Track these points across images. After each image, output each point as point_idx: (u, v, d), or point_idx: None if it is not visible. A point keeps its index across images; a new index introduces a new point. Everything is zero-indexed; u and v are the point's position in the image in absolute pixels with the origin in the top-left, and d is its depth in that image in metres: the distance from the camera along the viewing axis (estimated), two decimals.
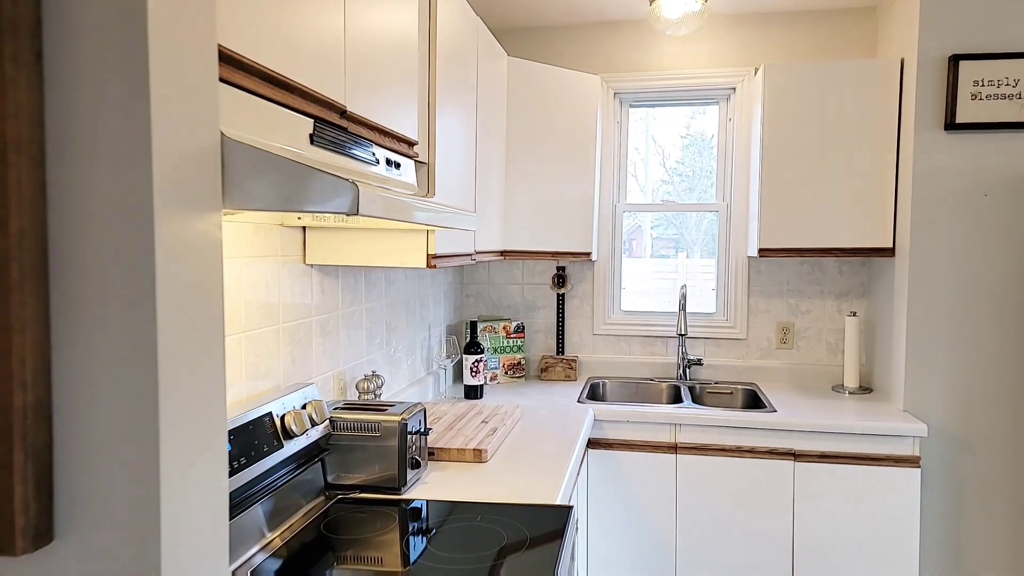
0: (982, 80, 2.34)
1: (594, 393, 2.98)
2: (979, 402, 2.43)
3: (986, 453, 2.43)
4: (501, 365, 2.98)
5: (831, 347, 2.96)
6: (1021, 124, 2.31)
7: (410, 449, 1.64)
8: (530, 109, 2.68)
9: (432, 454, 1.88)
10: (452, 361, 2.64)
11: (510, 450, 2.01)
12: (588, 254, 2.82)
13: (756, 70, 2.90)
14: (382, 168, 1.34)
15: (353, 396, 1.99)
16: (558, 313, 3.15)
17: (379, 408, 1.65)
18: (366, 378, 1.91)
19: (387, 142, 1.38)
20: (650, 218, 3.54)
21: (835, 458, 2.37)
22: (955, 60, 2.35)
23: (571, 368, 3.03)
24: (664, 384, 2.99)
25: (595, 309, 3.14)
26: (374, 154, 1.31)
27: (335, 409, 1.64)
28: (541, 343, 3.19)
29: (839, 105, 2.59)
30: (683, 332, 2.91)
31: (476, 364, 2.64)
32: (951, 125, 2.36)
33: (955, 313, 2.43)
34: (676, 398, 2.90)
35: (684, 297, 2.92)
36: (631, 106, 3.14)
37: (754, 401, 2.81)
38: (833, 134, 2.60)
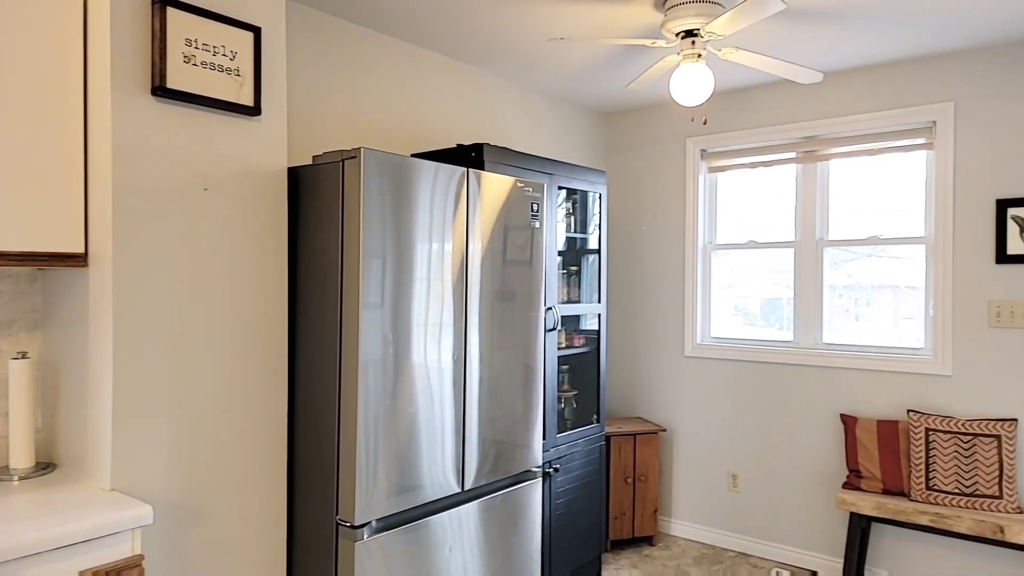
0: (196, 41, 1.81)
1: None
2: (212, 451, 1.90)
3: (217, 519, 1.92)
4: None
5: None
6: (243, 107, 1.91)
7: None
8: None
9: None
10: None
11: None
12: None
13: None
14: None
15: None
16: None
17: None
18: None
19: None
20: None
21: None
22: (163, 5, 1.74)
23: None
24: None
25: None
26: None
27: None
28: None
29: None
30: None
31: None
32: (161, 89, 1.75)
33: (180, 343, 1.83)
34: None
35: None
36: None
37: None
38: None
